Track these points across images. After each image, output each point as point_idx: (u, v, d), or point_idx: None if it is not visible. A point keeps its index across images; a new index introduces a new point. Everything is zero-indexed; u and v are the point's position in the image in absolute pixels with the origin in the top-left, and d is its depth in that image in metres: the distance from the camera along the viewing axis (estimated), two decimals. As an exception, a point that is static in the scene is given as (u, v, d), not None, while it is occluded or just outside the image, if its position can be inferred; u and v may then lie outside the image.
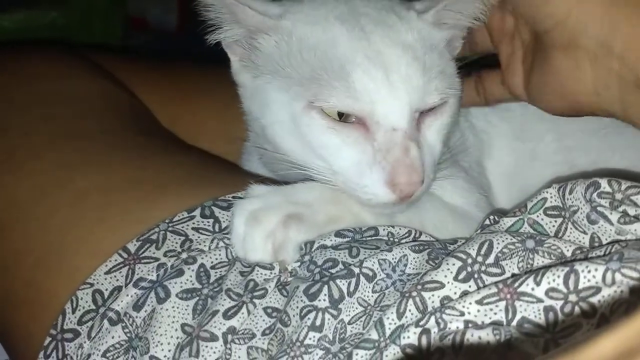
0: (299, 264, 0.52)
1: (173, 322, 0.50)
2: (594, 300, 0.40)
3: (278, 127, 0.57)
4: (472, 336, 0.40)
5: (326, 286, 0.48)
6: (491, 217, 0.52)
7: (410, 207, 0.56)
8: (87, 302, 0.53)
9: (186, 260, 0.53)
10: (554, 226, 0.50)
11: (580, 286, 0.40)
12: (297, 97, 0.54)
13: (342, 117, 0.54)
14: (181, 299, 0.51)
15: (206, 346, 0.48)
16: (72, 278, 0.54)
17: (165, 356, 0.49)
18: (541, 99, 0.60)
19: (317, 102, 0.53)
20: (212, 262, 0.53)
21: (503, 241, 0.47)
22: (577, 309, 0.40)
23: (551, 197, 0.51)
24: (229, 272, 0.52)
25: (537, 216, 0.50)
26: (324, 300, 0.48)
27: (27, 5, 1.10)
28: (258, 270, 0.52)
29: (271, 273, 0.52)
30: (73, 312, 0.53)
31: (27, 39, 1.05)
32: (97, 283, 0.53)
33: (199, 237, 0.55)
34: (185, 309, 0.51)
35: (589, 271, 0.40)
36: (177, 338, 0.50)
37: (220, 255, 0.54)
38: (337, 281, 0.48)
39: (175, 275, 0.52)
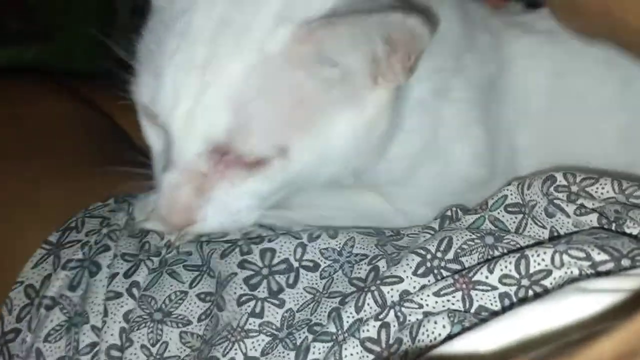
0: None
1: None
2: (546, 282, 0.40)
3: None
4: (429, 322, 0.40)
5: (265, 280, 0.49)
6: (453, 209, 0.53)
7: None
8: (20, 299, 0.53)
9: (108, 234, 0.54)
10: (514, 222, 0.50)
11: (531, 270, 0.41)
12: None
13: None
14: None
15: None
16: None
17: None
18: None
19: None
20: None
21: (462, 237, 0.47)
22: (530, 292, 0.40)
23: (511, 194, 0.51)
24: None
25: (498, 213, 0.51)
26: (263, 292, 0.49)
27: (9, 43, 1.12)
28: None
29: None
30: (10, 314, 0.53)
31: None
32: (27, 279, 0.54)
33: (116, 214, 0.56)
34: None
35: (538, 255, 0.41)
36: None
37: None
38: (276, 277, 0.49)
39: (102, 250, 0.53)
